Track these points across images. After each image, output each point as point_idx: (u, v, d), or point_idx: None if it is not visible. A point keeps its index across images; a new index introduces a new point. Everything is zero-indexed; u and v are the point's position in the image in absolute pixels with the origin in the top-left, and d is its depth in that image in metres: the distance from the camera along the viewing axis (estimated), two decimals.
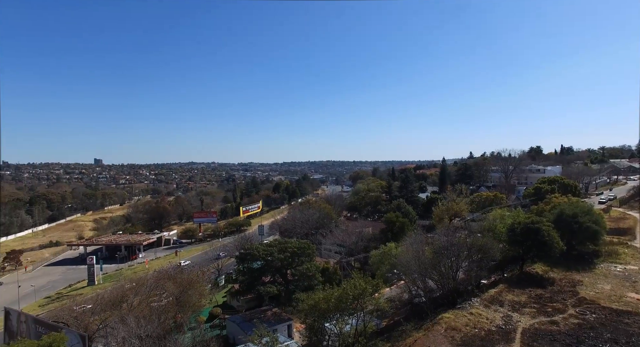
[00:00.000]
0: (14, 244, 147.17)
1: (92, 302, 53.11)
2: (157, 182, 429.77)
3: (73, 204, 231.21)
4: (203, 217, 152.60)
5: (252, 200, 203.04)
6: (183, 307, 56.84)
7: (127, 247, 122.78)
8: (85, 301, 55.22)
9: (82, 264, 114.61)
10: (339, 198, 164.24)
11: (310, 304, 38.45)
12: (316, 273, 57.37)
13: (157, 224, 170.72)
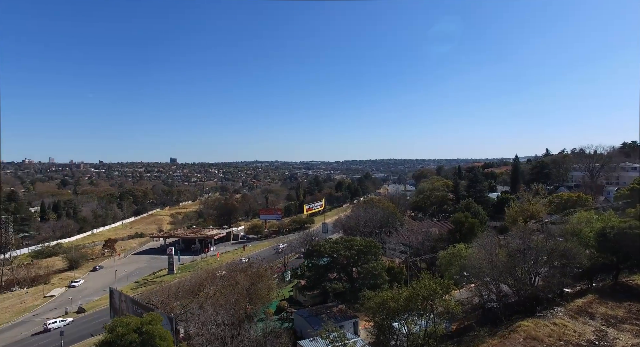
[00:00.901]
0: (109, 233, 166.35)
1: (175, 289, 57.97)
2: (225, 180, 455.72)
3: (153, 200, 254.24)
4: (268, 214, 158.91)
5: (314, 198, 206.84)
6: (253, 299, 59.97)
7: (200, 240, 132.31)
8: (169, 288, 60.58)
9: (162, 254, 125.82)
10: (403, 197, 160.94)
11: (378, 302, 38.34)
12: (382, 272, 56.95)
13: (226, 219, 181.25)
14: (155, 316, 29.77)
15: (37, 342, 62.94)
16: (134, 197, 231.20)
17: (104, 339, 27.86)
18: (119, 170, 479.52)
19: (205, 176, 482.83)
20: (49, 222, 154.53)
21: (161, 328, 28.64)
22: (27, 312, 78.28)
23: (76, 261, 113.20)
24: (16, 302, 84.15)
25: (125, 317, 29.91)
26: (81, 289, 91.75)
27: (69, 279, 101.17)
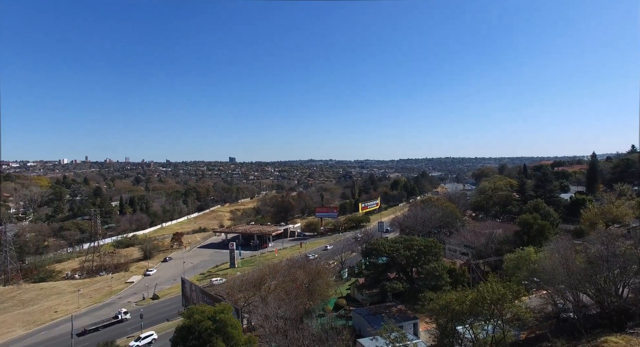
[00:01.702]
0: (175, 227, 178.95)
1: (240, 282, 60.97)
2: (281, 178, 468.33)
3: (214, 197, 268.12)
4: (324, 212, 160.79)
5: (369, 197, 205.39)
6: (312, 295, 61.20)
7: (259, 236, 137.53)
8: (233, 280, 63.92)
9: (224, 248, 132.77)
10: (462, 196, 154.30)
11: (441, 304, 37.33)
12: (443, 273, 55.22)
13: (282, 217, 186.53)
14: (227, 306, 31.75)
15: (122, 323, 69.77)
16: (197, 194, 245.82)
17: (183, 324, 30.32)
18: (184, 169, 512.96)
19: (262, 174, 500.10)
20: (126, 215, 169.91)
21: (232, 318, 30.50)
22: (113, 295, 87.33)
23: (149, 252, 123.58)
24: (104, 285, 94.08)
25: (200, 306, 32.30)
26: (154, 278, 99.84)
27: (144, 268, 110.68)
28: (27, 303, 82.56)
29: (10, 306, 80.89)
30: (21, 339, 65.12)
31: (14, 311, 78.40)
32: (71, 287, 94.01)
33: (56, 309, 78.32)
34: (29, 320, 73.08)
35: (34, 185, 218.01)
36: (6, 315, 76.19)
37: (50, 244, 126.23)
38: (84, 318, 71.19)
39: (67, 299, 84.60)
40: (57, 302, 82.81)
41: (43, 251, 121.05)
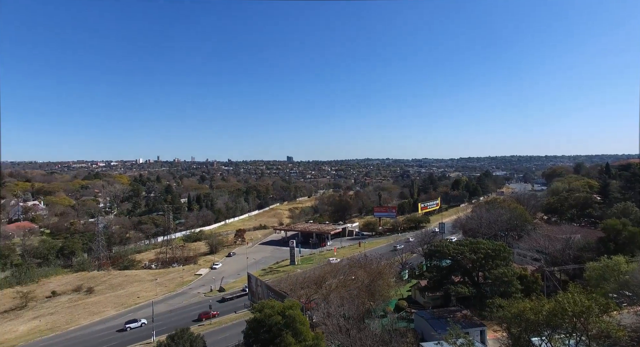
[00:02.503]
0: (238, 224, 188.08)
1: (302, 279, 62.64)
2: (337, 177, 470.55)
3: (273, 195, 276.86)
4: (383, 212, 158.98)
5: (429, 197, 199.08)
6: (373, 295, 61.02)
7: (317, 235, 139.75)
8: (295, 277, 65.78)
9: (284, 245, 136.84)
10: (532, 198, 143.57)
11: (513, 313, 35.20)
12: (513, 279, 51.93)
13: (340, 215, 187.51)
14: (295, 303, 33.00)
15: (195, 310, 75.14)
16: (257, 192, 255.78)
17: (255, 317, 32.09)
18: (244, 168, 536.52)
19: (319, 173, 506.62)
20: (193, 212, 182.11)
21: (300, 314, 31.64)
22: (185, 285, 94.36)
23: (215, 247, 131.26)
24: (176, 276, 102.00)
25: (269, 301, 33.94)
26: (220, 271, 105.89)
27: (210, 262, 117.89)
28: (116, 287, 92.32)
29: (103, 289, 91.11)
30: (113, 318, 73.14)
31: (106, 293, 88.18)
32: (149, 276, 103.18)
33: (139, 295, 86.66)
34: (117, 302, 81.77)
35: (117, 182, 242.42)
36: (100, 296, 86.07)
37: (131, 236, 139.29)
38: (161, 304, 77.67)
39: (147, 287, 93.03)
40: (139, 288, 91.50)
41: (126, 242, 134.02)
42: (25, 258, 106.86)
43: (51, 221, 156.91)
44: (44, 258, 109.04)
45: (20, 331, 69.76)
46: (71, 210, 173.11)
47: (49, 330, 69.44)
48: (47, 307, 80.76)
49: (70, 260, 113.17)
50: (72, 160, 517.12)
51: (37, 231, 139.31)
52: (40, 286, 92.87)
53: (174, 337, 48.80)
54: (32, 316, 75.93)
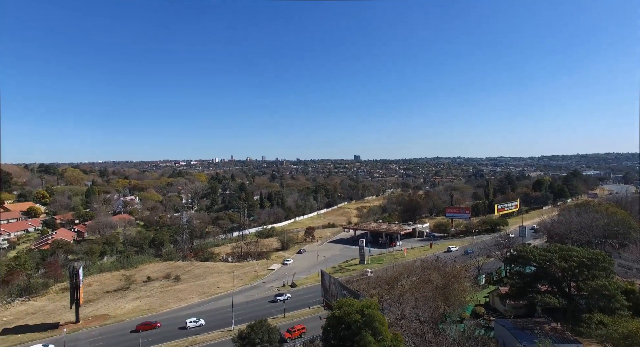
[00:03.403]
0: (307, 222, 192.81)
1: (375, 279, 62.49)
2: (406, 177, 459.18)
3: (341, 194, 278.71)
4: (455, 213, 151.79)
5: (506, 198, 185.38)
6: (448, 299, 58.71)
7: (387, 234, 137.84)
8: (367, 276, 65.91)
9: (353, 244, 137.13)
10: (636, 201, 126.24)
11: (621, 333, 31.48)
12: (617, 294, 46.11)
13: (410, 216, 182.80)
14: (373, 302, 33.15)
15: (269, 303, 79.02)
16: (325, 191, 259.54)
17: (334, 314, 32.87)
18: (312, 167, 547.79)
19: (386, 172, 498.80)
20: (265, 209, 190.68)
21: (379, 314, 31.70)
22: (259, 279, 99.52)
23: (286, 243, 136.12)
24: (251, 270, 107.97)
25: (348, 299, 34.53)
26: (292, 267, 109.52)
27: (282, 257, 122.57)
28: (198, 277, 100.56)
29: (187, 278, 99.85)
30: (198, 305, 79.88)
31: (190, 282, 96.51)
32: (227, 268, 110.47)
33: (218, 285, 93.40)
34: (200, 291, 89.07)
35: (197, 180, 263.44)
36: (185, 284, 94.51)
37: (210, 230, 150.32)
38: (238, 296, 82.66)
39: (225, 278, 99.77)
40: (218, 279, 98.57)
41: (205, 236, 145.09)
42: (126, 246, 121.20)
43: (144, 214, 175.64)
44: (140, 247, 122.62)
45: (126, 308, 79.52)
46: (159, 205, 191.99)
47: (147, 310, 78.09)
48: (145, 290, 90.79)
49: (160, 250, 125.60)
50: (159, 160, 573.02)
51: (134, 222, 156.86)
52: (139, 271, 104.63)
53: (253, 327, 51.86)
54: (134, 297, 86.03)
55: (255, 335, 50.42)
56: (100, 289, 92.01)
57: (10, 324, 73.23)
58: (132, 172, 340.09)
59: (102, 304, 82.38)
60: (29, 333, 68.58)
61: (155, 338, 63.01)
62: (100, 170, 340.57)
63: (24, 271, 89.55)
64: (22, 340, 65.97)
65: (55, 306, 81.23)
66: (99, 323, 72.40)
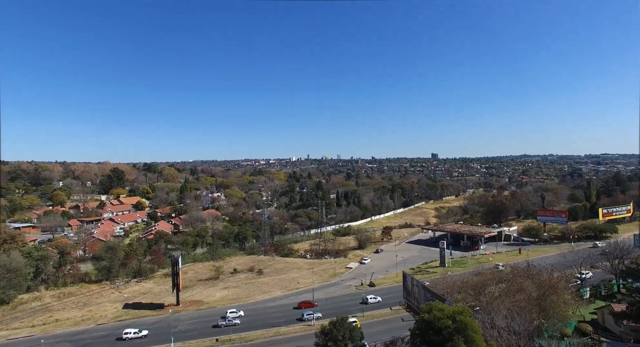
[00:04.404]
0: (383, 221, 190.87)
1: (460, 283, 59.52)
2: (488, 176, 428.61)
3: (418, 193, 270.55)
4: (549, 216, 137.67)
5: (614, 200, 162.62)
6: (544, 311, 53.50)
7: (469, 237, 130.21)
8: (452, 280, 62.82)
9: (432, 246, 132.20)
10: None
11: None
12: None
13: (494, 217, 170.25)
14: (465, 309, 31.67)
15: (348, 301, 79.92)
16: (402, 190, 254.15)
17: (422, 317, 32.17)
18: (387, 165, 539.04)
19: (466, 170, 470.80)
20: (342, 207, 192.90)
21: (473, 321, 30.18)
22: (337, 276, 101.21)
23: (363, 242, 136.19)
24: (329, 267, 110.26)
25: (437, 303, 33.48)
26: (369, 267, 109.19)
27: (359, 256, 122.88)
28: (279, 272, 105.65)
29: (269, 272, 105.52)
30: (280, 299, 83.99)
31: (272, 276, 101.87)
32: (306, 264, 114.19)
33: (298, 281, 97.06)
34: (281, 285, 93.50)
35: (276, 178, 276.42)
36: (268, 278, 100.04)
37: (289, 227, 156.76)
38: (318, 292, 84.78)
39: (304, 274, 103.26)
40: (298, 275, 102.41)
41: (284, 232, 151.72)
42: (214, 239, 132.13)
43: (229, 210, 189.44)
44: (226, 240, 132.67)
45: (217, 296, 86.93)
46: (242, 201, 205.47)
47: (235, 300, 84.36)
48: (232, 281, 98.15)
49: (244, 244, 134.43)
50: (241, 159, 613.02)
51: (220, 217, 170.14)
52: (226, 262, 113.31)
53: (335, 323, 52.84)
54: (223, 287, 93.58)
55: (338, 332, 51.30)
56: (194, 277, 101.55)
57: (130, 300, 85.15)
58: (217, 171, 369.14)
59: (196, 291, 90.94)
60: (142, 310, 79.04)
61: (242, 327, 67.45)
62: (191, 168, 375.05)
63: (136, 256, 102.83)
64: (138, 315, 76.56)
65: (160, 289, 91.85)
66: (195, 308, 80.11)
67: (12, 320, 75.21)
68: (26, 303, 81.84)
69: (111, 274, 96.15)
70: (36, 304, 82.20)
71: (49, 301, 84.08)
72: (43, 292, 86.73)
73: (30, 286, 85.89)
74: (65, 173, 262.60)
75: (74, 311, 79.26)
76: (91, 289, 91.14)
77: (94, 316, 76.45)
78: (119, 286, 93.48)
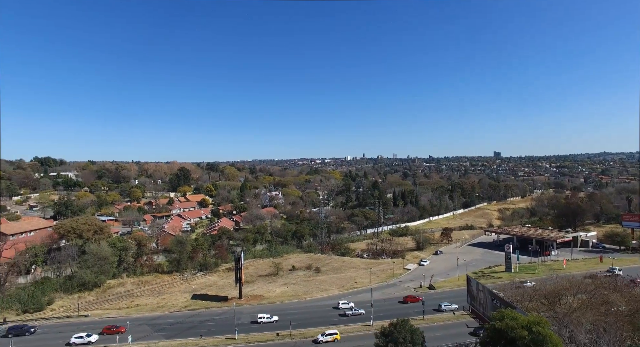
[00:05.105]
0: (442, 222, 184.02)
1: (531, 291, 55.73)
2: (559, 175, 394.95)
3: (480, 193, 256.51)
4: (636, 222, 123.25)
5: None
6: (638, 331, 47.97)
7: (538, 241, 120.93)
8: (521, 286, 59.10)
9: (496, 249, 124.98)
10: None
11: None
12: None
13: (566, 221, 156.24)
14: (543, 320, 29.52)
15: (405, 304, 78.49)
16: (462, 190, 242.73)
17: (494, 325, 30.53)
18: (446, 164, 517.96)
19: (533, 170, 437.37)
20: (399, 207, 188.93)
21: (553, 334, 28.03)
22: (395, 277, 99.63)
23: (421, 243, 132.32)
24: (386, 268, 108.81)
25: (510, 311, 31.59)
26: (428, 269, 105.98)
27: (417, 257, 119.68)
28: (337, 270, 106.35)
29: (327, 270, 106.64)
30: (337, 297, 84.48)
31: (330, 274, 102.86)
32: (363, 264, 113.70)
33: (355, 280, 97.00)
34: (339, 284, 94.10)
35: (332, 177, 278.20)
36: (325, 276, 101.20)
37: (345, 226, 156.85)
38: (376, 292, 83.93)
39: (361, 274, 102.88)
40: (355, 274, 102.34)
41: (340, 231, 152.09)
42: (272, 236, 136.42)
43: (286, 208, 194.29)
44: (284, 238, 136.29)
45: (277, 292, 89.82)
46: (299, 200, 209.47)
47: (294, 296, 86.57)
48: (290, 277, 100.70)
49: (301, 242, 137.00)
50: (297, 158, 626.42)
51: (278, 215, 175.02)
52: (284, 260, 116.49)
53: (395, 325, 52.09)
54: (282, 283, 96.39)
55: (398, 334, 50.54)
56: (255, 272, 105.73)
57: (197, 291, 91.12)
58: (275, 170, 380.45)
59: (257, 286, 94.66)
60: (209, 301, 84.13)
61: (300, 323, 68.91)
62: (250, 168, 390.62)
63: (202, 250, 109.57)
64: (205, 306, 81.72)
65: (224, 283, 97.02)
66: (256, 302, 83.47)
67: (103, 302, 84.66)
68: (113, 288, 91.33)
69: (180, 266, 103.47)
70: (120, 289, 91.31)
71: (130, 287, 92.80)
72: (125, 279, 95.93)
73: (115, 273, 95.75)
74: (140, 172, 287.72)
75: (151, 298, 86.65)
76: (164, 279, 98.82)
77: (167, 304, 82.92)
78: (187, 278, 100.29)
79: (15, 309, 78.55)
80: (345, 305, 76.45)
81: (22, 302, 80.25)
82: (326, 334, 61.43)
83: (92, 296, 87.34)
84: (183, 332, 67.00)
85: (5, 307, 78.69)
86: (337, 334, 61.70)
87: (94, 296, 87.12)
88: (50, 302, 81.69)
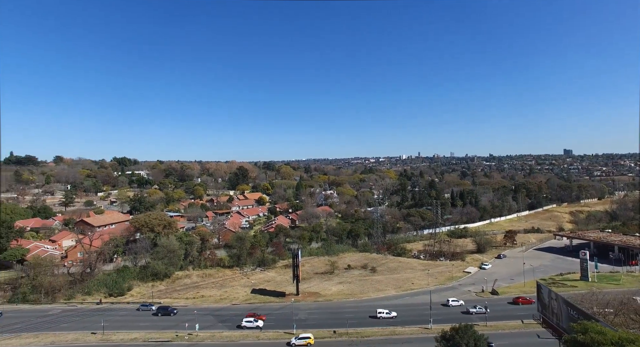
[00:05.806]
0: (504, 224, 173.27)
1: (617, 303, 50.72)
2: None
3: (547, 194, 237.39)
4: None
5: None
6: None
7: (621, 248, 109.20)
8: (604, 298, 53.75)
9: (568, 255, 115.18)
10: None
11: None
12: None
13: None
14: (638, 337, 26.58)
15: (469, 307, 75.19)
16: (527, 191, 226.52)
17: (576, 338, 28.20)
18: (508, 163, 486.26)
19: (613, 169, 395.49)
20: (457, 208, 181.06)
21: None
22: (454, 280, 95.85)
23: (482, 246, 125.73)
24: (444, 270, 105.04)
25: (595, 324, 28.93)
26: (490, 273, 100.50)
27: (478, 260, 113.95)
28: (393, 271, 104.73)
29: (382, 270, 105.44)
30: (394, 298, 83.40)
31: (385, 274, 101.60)
32: (419, 265, 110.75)
33: (412, 281, 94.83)
34: (395, 285, 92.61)
35: (387, 177, 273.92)
36: (381, 276, 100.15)
37: (401, 226, 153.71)
38: (434, 295, 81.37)
39: (418, 275, 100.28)
40: (411, 275, 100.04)
41: (396, 231, 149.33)
42: (328, 235, 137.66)
43: (341, 207, 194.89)
44: (339, 237, 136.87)
45: (333, 290, 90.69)
46: (354, 199, 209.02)
47: (349, 295, 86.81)
48: (346, 276, 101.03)
49: (356, 241, 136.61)
50: (351, 157, 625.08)
51: (333, 214, 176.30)
52: (339, 258, 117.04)
53: (457, 330, 50.14)
54: (338, 281, 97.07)
55: (461, 339, 48.64)
56: (311, 270, 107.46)
57: (256, 286, 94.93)
58: (329, 169, 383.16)
59: (313, 283, 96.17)
60: (267, 296, 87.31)
61: (356, 322, 68.74)
62: (305, 167, 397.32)
63: (260, 246, 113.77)
64: (264, 300, 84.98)
65: (281, 279, 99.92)
66: (312, 299, 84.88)
67: (172, 291, 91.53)
68: (180, 279, 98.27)
69: (240, 261, 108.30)
70: (187, 280, 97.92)
71: (196, 279, 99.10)
72: (191, 272, 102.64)
73: (182, 265, 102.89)
74: (202, 171, 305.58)
75: (214, 290, 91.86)
76: (225, 273, 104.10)
77: (229, 297, 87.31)
78: (247, 273, 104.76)
79: (103, 293, 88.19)
80: (455, 303, 77.33)
81: (108, 287, 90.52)
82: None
83: (163, 285, 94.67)
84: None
85: (97, 290, 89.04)
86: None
87: (164, 286, 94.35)
88: (129, 288, 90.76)
